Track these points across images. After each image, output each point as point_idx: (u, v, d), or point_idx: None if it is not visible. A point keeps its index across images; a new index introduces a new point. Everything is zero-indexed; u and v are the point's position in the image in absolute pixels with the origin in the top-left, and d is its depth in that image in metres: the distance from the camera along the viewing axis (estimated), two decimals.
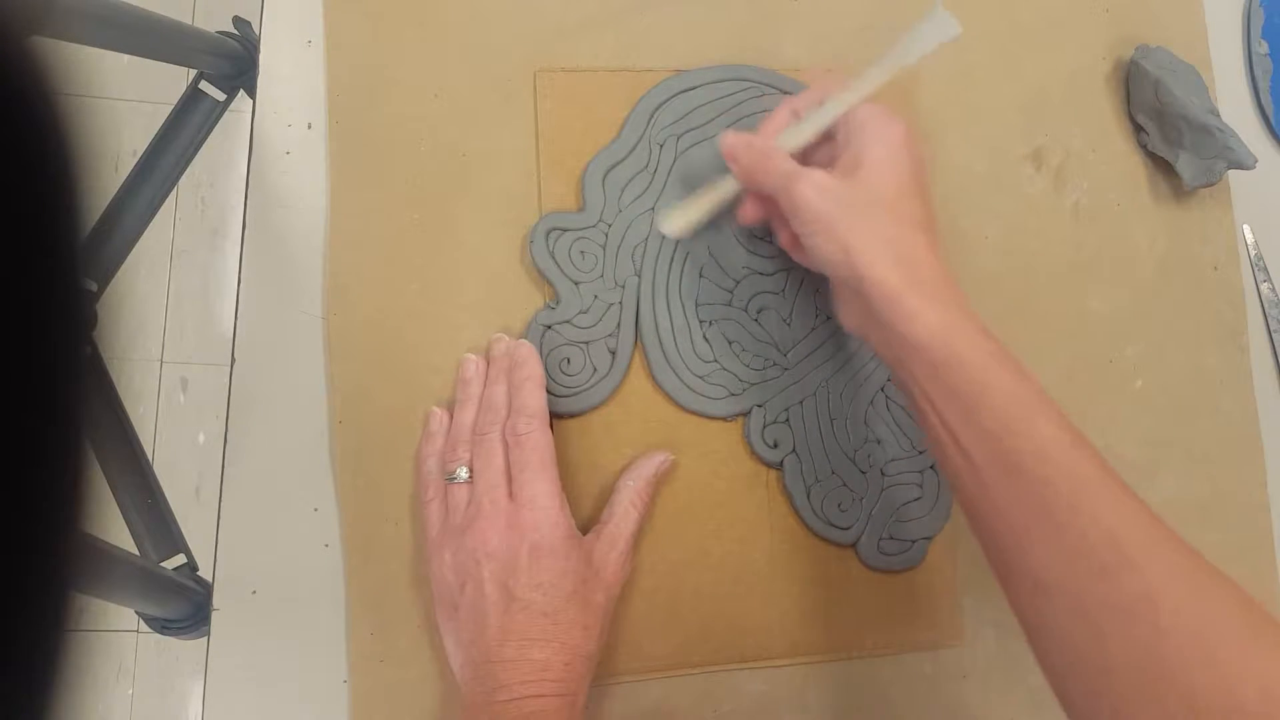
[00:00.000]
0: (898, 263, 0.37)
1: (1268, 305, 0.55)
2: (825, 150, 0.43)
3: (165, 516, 0.82)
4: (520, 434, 0.41)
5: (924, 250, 0.38)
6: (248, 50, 0.85)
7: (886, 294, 0.37)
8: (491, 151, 0.47)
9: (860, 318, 0.41)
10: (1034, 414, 0.35)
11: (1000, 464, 0.35)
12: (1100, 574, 0.32)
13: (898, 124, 0.40)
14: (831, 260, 0.38)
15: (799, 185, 0.39)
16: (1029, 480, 0.34)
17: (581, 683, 0.39)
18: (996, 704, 0.47)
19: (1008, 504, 0.35)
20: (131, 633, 1.12)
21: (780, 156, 0.41)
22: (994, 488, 0.35)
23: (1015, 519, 0.35)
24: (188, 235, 1.22)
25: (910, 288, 0.36)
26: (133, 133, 1.17)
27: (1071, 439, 0.35)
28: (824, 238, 0.38)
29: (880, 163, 0.39)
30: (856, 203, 0.38)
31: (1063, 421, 0.35)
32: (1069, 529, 0.33)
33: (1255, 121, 0.57)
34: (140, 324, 1.20)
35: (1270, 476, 0.53)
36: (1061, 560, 0.33)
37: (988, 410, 0.35)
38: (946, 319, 0.36)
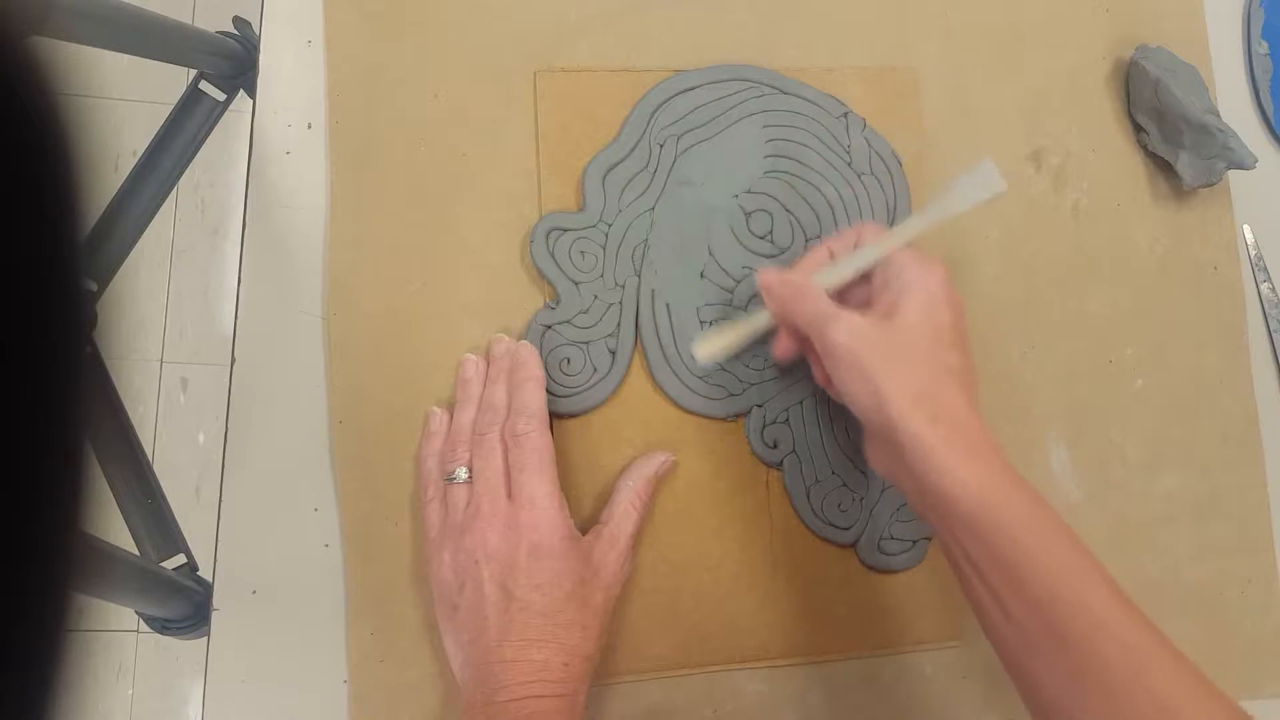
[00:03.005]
0: (932, 417, 0.36)
1: (1268, 305, 0.55)
2: (861, 291, 0.42)
3: (165, 516, 0.82)
4: (520, 434, 0.41)
5: (960, 404, 0.37)
6: (248, 50, 0.85)
7: (920, 448, 0.35)
8: (491, 151, 0.47)
9: (891, 465, 0.39)
10: (1083, 582, 0.34)
11: (1048, 633, 0.33)
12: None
13: (937, 270, 0.39)
14: (864, 406, 0.37)
15: (833, 327, 0.38)
16: (1080, 652, 0.33)
17: (581, 683, 0.39)
18: (996, 704, 0.47)
19: (1057, 674, 0.33)
20: (131, 633, 1.12)
21: (816, 295, 0.40)
22: (1042, 656, 0.34)
23: (1065, 689, 0.33)
24: (188, 235, 1.22)
25: (945, 443, 0.35)
26: (133, 133, 1.17)
27: (1122, 607, 0.33)
28: (857, 384, 0.37)
29: (918, 309, 0.37)
30: (891, 349, 0.37)
31: (1112, 587, 0.34)
32: (1123, 703, 0.32)
33: (1255, 121, 0.57)
34: (140, 324, 1.20)
35: (1270, 476, 0.53)
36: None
37: (1034, 578, 0.34)
38: (984, 477, 0.35)
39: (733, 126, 0.48)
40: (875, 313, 0.39)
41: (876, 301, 0.40)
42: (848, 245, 0.43)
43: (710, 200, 0.47)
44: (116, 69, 1.20)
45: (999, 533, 0.34)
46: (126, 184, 0.85)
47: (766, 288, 0.42)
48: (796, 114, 0.49)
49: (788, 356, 0.44)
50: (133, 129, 1.18)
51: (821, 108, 0.49)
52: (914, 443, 0.35)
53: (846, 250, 0.42)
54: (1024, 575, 0.34)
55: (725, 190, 0.48)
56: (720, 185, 0.48)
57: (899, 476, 0.39)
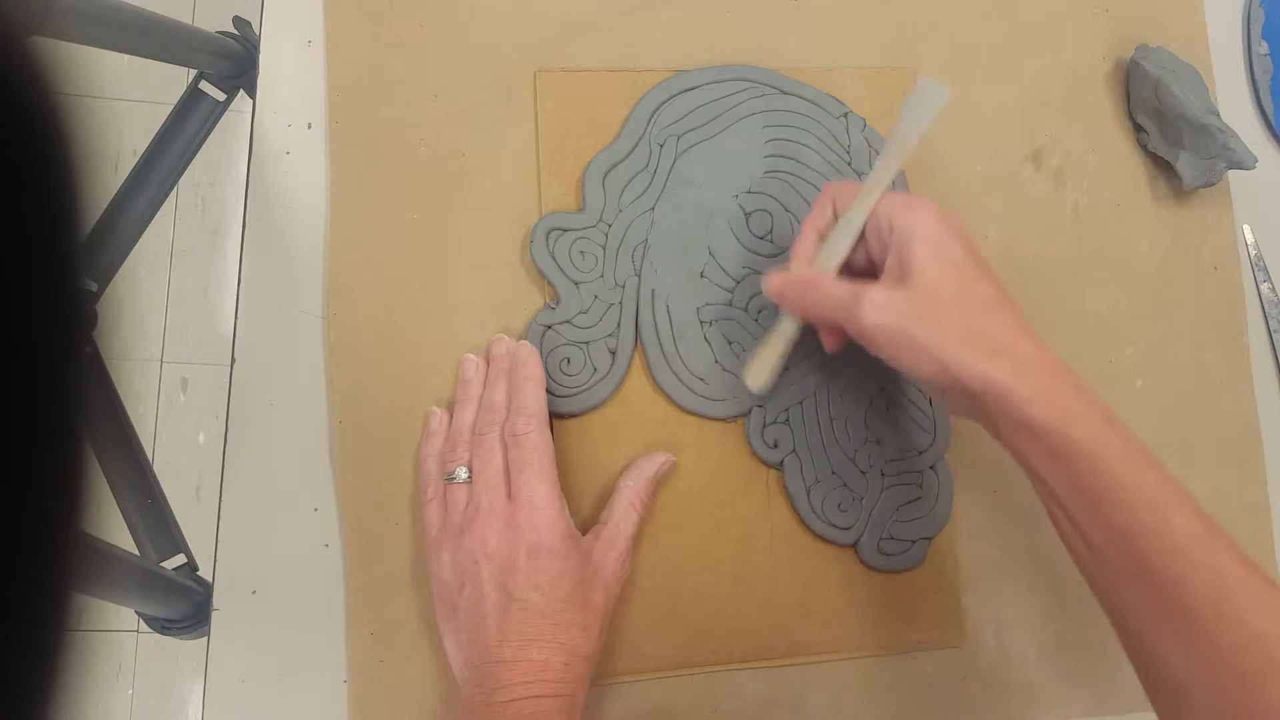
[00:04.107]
0: (994, 354, 0.35)
1: (1268, 305, 0.55)
2: (860, 255, 0.41)
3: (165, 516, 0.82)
4: (519, 434, 0.41)
5: (1016, 332, 0.36)
6: (248, 50, 0.85)
7: (993, 388, 0.35)
8: (491, 152, 0.47)
9: (973, 412, 0.38)
10: (1166, 508, 0.33)
11: (1132, 561, 0.33)
12: (1245, 679, 0.30)
13: (926, 209, 0.38)
14: (925, 373, 0.36)
15: (861, 312, 0.37)
16: (1164, 579, 0.32)
17: (581, 683, 0.39)
18: (996, 704, 0.47)
19: (1142, 603, 0.33)
20: (131, 633, 1.12)
21: (828, 284, 0.39)
22: (1127, 586, 0.33)
23: (1151, 618, 0.33)
24: (188, 235, 1.22)
25: (1015, 377, 0.34)
26: (133, 133, 1.17)
27: (1207, 532, 0.33)
28: (909, 355, 0.36)
29: (928, 258, 0.36)
30: (924, 309, 0.36)
31: (1197, 513, 0.33)
32: (1211, 630, 0.31)
33: (1255, 121, 0.57)
34: (140, 324, 1.20)
35: (1270, 476, 0.53)
36: (1202, 663, 0.31)
37: (1115, 505, 0.33)
38: (1060, 404, 0.34)
39: (733, 126, 0.48)
40: (889, 276, 0.38)
41: (879, 261, 0.39)
42: (827, 216, 0.42)
43: (710, 200, 0.47)
44: (116, 69, 1.20)
45: (1078, 458, 0.34)
46: (126, 184, 0.85)
47: (777, 295, 0.41)
48: (797, 114, 0.49)
49: (838, 348, 0.43)
50: (133, 129, 1.18)
51: (822, 108, 0.49)
52: (985, 385, 0.35)
53: (829, 220, 0.42)
54: (1105, 503, 0.33)
55: (725, 190, 0.48)
56: (720, 185, 0.48)
57: (983, 420, 0.38)
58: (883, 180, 0.41)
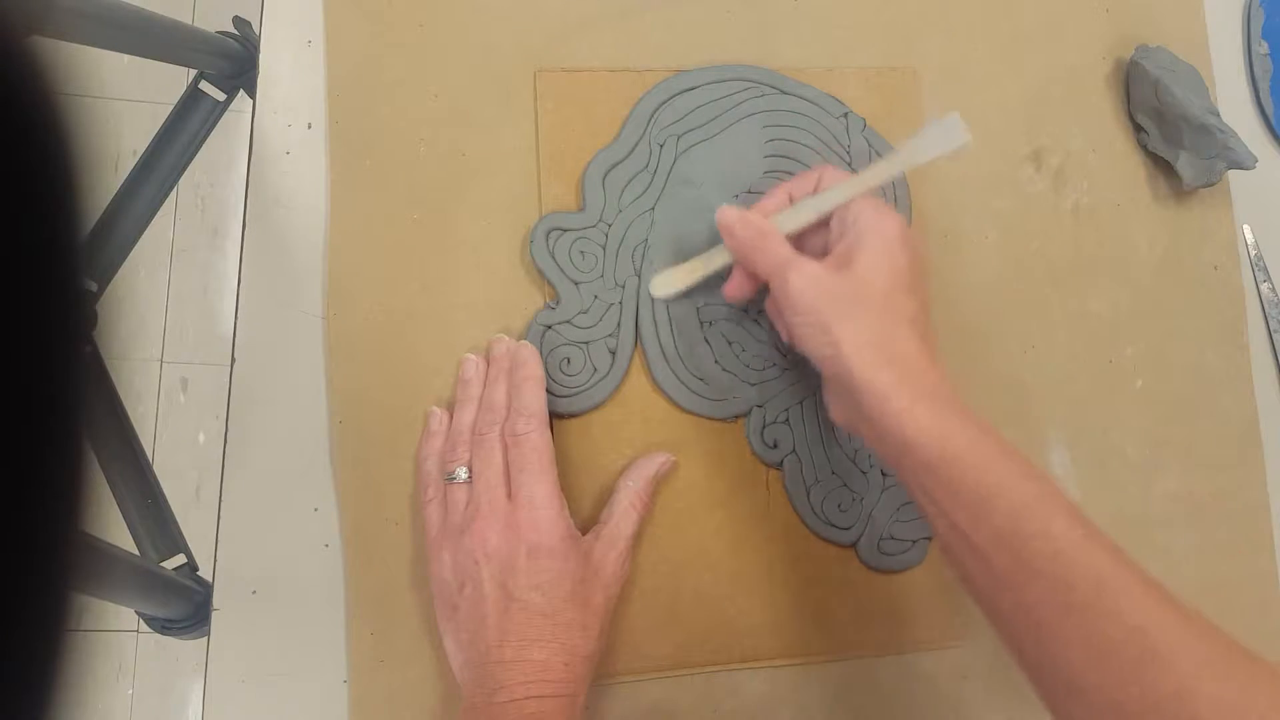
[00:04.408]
0: (887, 361, 0.36)
1: (1268, 305, 0.55)
2: (818, 237, 0.42)
3: (165, 516, 0.82)
4: (519, 434, 0.41)
5: (915, 348, 0.37)
6: (248, 50, 0.85)
7: (875, 391, 0.36)
8: (491, 151, 0.47)
9: (850, 413, 0.40)
10: (1047, 513, 0.34)
11: (1016, 566, 0.34)
12: (1131, 673, 0.31)
13: (894, 218, 0.39)
14: (820, 354, 0.38)
15: (792, 274, 0.38)
16: (1049, 581, 0.33)
17: (581, 683, 0.39)
18: (996, 704, 0.47)
19: (1028, 606, 0.34)
20: (131, 633, 1.12)
21: (777, 239, 0.40)
22: (1013, 590, 0.34)
23: (1038, 620, 0.33)
24: (188, 235, 1.22)
25: (900, 387, 0.36)
26: (133, 133, 1.17)
27: (1086, 534, 0.33)
28: (814, 330, 0.38)
29: (875, 256, 0.38)
30: (848, 297, 0.37)
31: (1076, 517, 0.34)
32: (1094, 629, 0.32)
33: (1255, 121, 0.57)
34: (140, 324, 1.20)
35: (1270, 476, 0.53)
36: (1090, 660, 0.32)
37: (998, 512, 0.34)
38: (940, 418, 0.35)
39: (733, 126, 0.48)
40: (832, 260, 0.39)
41: (834, 249, 0.40)
42: (807, 188, 0.42)
43: (710, 200, 0.47)
44: (116, 69, 1.20)
45: (958, 470, 0.35)
46: (126, 184, 0.85)
47: (727, 227, 0.42)
48: (797, 114, 0.49)
49: (740, 297, 0.44)
50: (133, 129, 1.18)
51: (822, 108, 0.49)
52: (869, 387, 0.36)
53: (805, 194, 0.42)
54: (986, 510, 0.34)
55: (725, 190, 0.48)
56: (720, 185, 0.48)
57: (857, 424, 0.39)
58: (871, 180, 0.41)
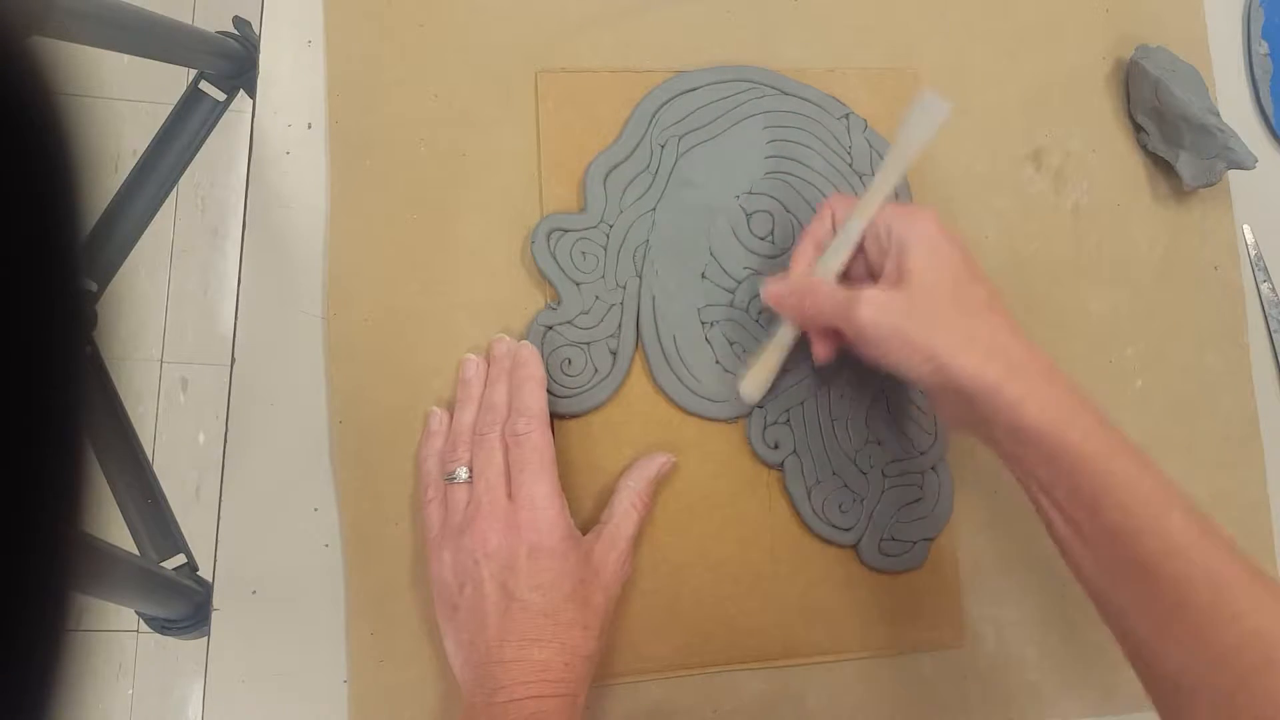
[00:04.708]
0: (988, 355, 0.35)
1: (1268, 305, 0.55)
2: (859, 265, 0.42)
3: (165, 516, 0.82)
4: (520, 434, 0.41)
5: (1008, 334, 0.36)
6: (248, 50, 0.85)
7: (986, 389, 0.35)
8: (492, 151, 0.47)
9: (964, 417, 0.39)
10: (1163, 508, 0.33)
11: (1130, 562, 0.33)
12: (1246, 677, 0.31)
13: (924, 216, 0.38)
14: (919, 372, 0.37)
15: (858, 311, 0.37)
16: (1163, 579, 0.32)
17: (581, 683, 0.39)
18: (996, 704, 0.47)
19: (1141, 602, 0.33)
20: (131, 633, 1.12)
21: (826, 288, 0.40)
22: (1125, 587, 0.33)
23: (1150, 617, 0.33)
24: (188, 235, 1.22)
25: (1008, 378, 0.35)
26: (133, 133, 1.17)
27: (1204, 532, 0.33)
28: (904, 354, 0.37)
29: (925, 259, 0.37)
30: (921, 308, 0.37)
31: (1192, 512, 0.33)
32: (1209, 630, 0.31)
33: (1255, 121, 0.57)
34: (140, 324, 1.20)
35: (1270, 476, 0.53)
36: (1203, 662, 0.31)
37: (1113, 506, 0.33)
38: (1054, 406, 0.34)
39: (734, 127, 0.48)
40: (887, 280, 0.38)
41: (881, 268, 0.39)
42: (826, 227, 0.42)
43: (711, 201, 0.47)
44: (116, 69, 1.20)
45: (1075, 460, 0.34)
46: (126, 184, 0.85)
47: (776, 301, 0.42)
48: (798, 115, 0.49)
49: (829, 358, 0.43)
50: (133, 129, 1.18)
51: (823, 109, 0.49)
52: (978, 386, 0.35)
53: (827, 233, 0.42)
54: (1101, 502, 0.33)
55: (726, 191, 0.48)
56: (721, 186, 0.48)
57: (975, 425, 0.38)
58: (882, 191, 0.41)
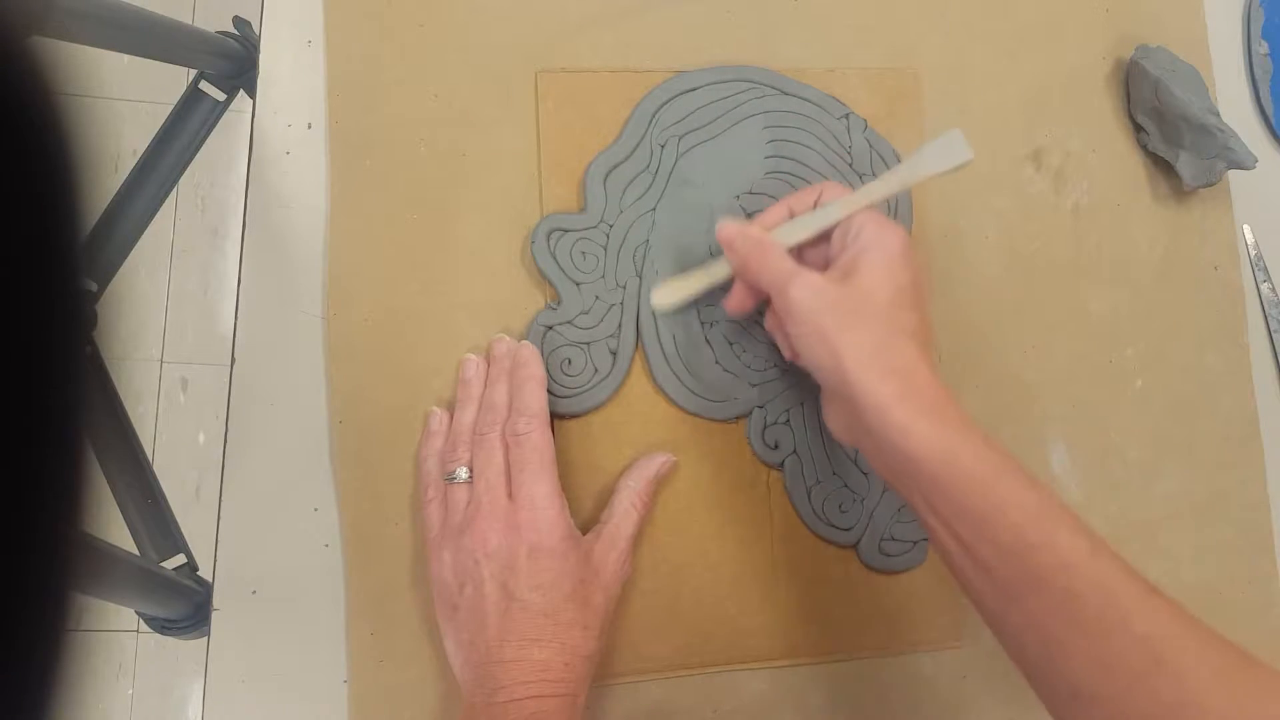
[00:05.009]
0: (889, 373, 0.36)
1: (1268, 305, 0.55)
2: (819, 251, 0.42)
3: (165, 516, 0.82)
4: (520, 434, 0.41)
5: (916, 361, 0.37)
6: (248, 50, 0.85)
7: (876, 405, 0.35)
8: (492, 151, 0.47)
9: (850, 426, 0.40)
10: (1052, 525, 0.34)
11: (1022, 579, 0.34)
12: (1137, 682, 0.31)
13: (896, 232, 0.39)
14: (821, 366, 0.38)
15: (793, 285, 0.38)
16: (1054, 593, 0.33)
17: (582, 683, 0.39)
18: (996, 704, 0.47)
19: (1034, 618, 0.34)
20: (131, 633, 1.12)
21: (778, 252, 0.40)
22: (1018, 602, 0.34)
23: (1044, 632, 0.33)
24: (188, 235, 1.22)
25: (902, 400, 0.35)
26: (133, 133, 1.17)
27: (1091, 546, 0.33)
28: (815, 341, 0.37)
29: (876, 269, 0.38)
30: (849, 308, 0.37)
31: (1081, 529, 0.34)
32: (1100, 639, 0.32)
33: (1255, 121, 0.57)
34: (140, 324, 1.20)
35: (1270, 476, 0.53)
36: (1096, 670, 0.32)
37: (1003, 526, 0.34)
38: (943, 432, 0.35)
39: (734, 127, 0.48)
40: (834, 272, 0.39)
41: (836, 262, 0.40)
42: (807, 204, 0.43)
43: (711, 201, 0.47)
44: (116, 69, 1.20)
45: (962, 483, 0.34)
46: (126, 184, 0.85)
47: (728, 241, 0.42)
48: (798, 115, 0.49)
49: (741, 311, 0.44)
50: (133, 129, 1.18)
51: (823, 109, 0.49)
52: (870, 400, 0.36)
53: (805, 209, 0.42)
54: (992, 523, 0.34)
55: (726, 191, 0.48)
56: (721, 186, 0.48)
57: (858, 437, 0.39)
58: (872, 194, 0.41)
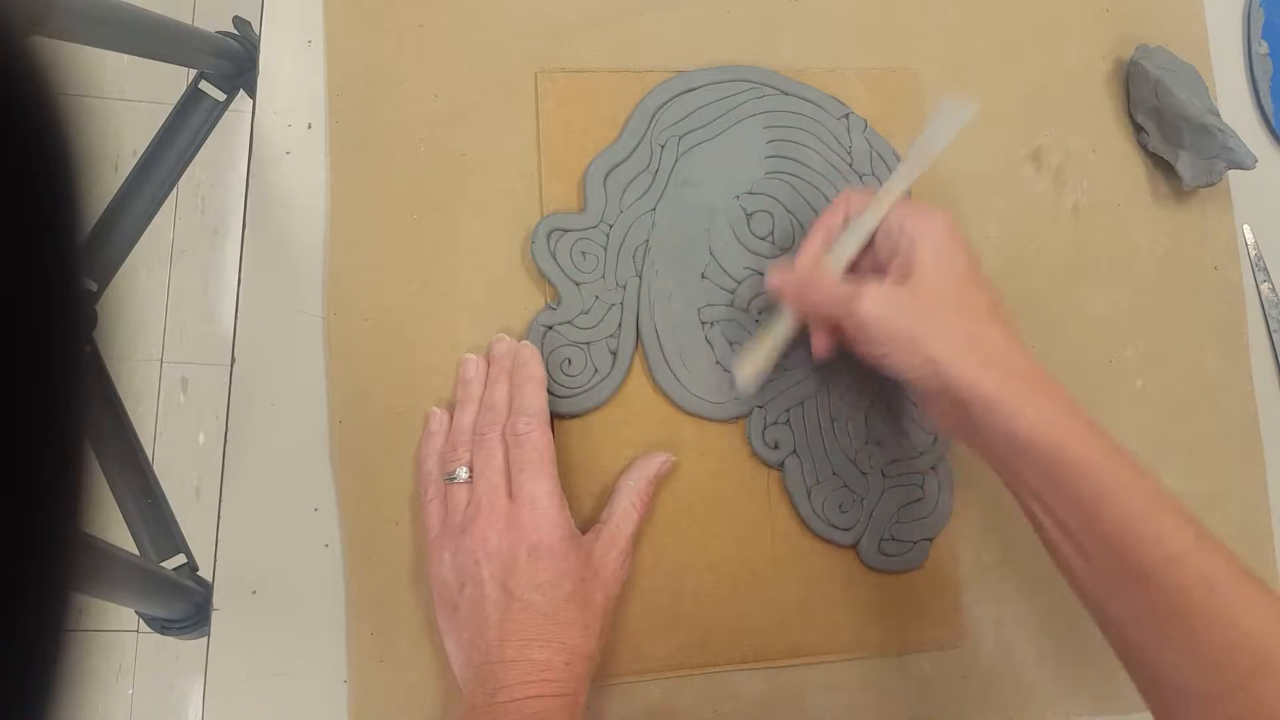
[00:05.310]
0: (986, 362, 0.35)
1: (1268, 305, 0.55)
2: (867, 260, 0.41)
3: (165, 516, 0.82)
4: (520, 434, 0.41)
5: (1007, 343, 0.36)
6: (248, 50, 0.85)
7: (983, 397, 0.35)
8: (491, 152, 0.47)
9: (956, 422, 0.39)
10: (1159, 515, 0.33)
11: (1127, 570, 0.33)
12: (1244, 681, 0.31)
13: (938, 218, 0.38)
14: (917, 373, 0.37)
15: (861, 305, 0.37)
16: (1160, 586, 0.32)
17: (582, 682, 0.39)
18: (996, 704, 0.47)
19: (1138, 611, 0.33)
20: (131, 633, 1.12)
21: (831, 279, 0.40)
22: (1122, 596, 0.34)
23: (1147, 624, 0.33)
24: (188, 235, 1.22)
25: (1005, 387, 0.35)
26: (133, 133, 1.17)
27: (1198, 537, 0.33)
28: (902, 351, 0.37)
29: (933, 260, 0.37)
30: (923, 308, 0.36)
31: (1188, 519, 0.33)
32: (1206, 635, 0.32)
33: (1255, 121, 0.57)
34: (140, 324, 1.20)
35: (1270, 476, 0.53)
36: (1201, 668, 0.32)
37: (1109, 515, 0.33)
38: (1050, 416, 0.34)
39: (734, 127, 0.48)
40: (893, 276, 0.38)
41: (890, 266, 0.39)
42: (838, 220, 0.42)
43: (711, 201, 0.47)
44: (116, 69, 1.20)
45: (1071, 470, 0.34)
46: (126, 184, 0.85)
47: (779, 290, 0.41)
48: (798, 115, 0.49)
49: (827, 353, 0.43)
50: (133, 129, 1.18)
51: (823, 109, 0.49)
52: (976, 393, 0.35)
53: (838, 226, 0.42)
54: (1098, 512, 0.33)
55: (726, 191, 0.48)
56: (721, 186, 0.48)
57: (967, 432, 0.38)
58: (897, 188, 0.41)
